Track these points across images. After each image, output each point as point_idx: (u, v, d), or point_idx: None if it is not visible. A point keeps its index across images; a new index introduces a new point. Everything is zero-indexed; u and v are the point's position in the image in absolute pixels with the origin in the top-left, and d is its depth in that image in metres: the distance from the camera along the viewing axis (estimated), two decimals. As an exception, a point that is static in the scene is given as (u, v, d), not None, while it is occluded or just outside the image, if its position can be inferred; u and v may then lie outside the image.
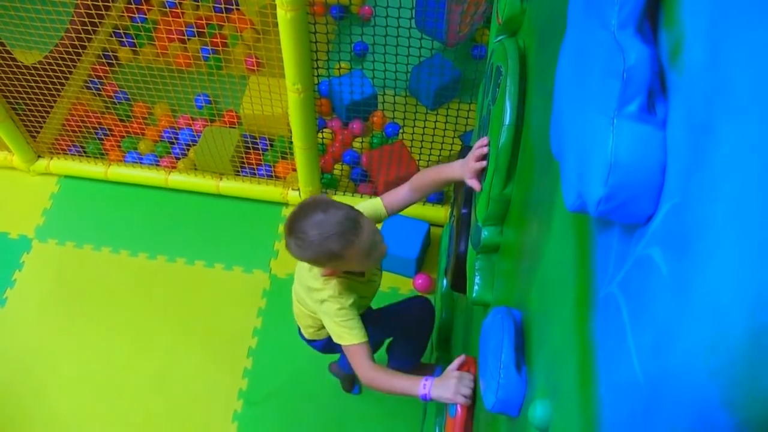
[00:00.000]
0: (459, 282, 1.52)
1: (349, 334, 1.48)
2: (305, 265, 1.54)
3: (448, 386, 1.31)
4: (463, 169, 1.33)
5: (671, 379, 0.36)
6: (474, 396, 1.28)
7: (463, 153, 1.82)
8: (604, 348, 0.49)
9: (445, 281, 1.94)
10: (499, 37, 1.18)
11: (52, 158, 2.73)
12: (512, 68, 1.05)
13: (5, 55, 2.26)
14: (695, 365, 0.34)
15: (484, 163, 1.24)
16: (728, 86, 0.34)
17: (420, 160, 2.56)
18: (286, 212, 2.68)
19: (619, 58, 0.43)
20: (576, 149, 0.48)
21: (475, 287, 1.19)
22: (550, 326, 0.71)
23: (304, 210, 1.38)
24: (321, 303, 1.52)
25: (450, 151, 2.50)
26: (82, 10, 2.54)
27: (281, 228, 2.63)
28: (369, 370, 1.46)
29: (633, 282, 0.44)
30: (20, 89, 2.38)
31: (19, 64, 2.34)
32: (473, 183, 1.28)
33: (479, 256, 1.22)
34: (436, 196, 2.59)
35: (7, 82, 2.32)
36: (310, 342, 1.84)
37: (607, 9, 0.45)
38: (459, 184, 1.81)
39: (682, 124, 0.40)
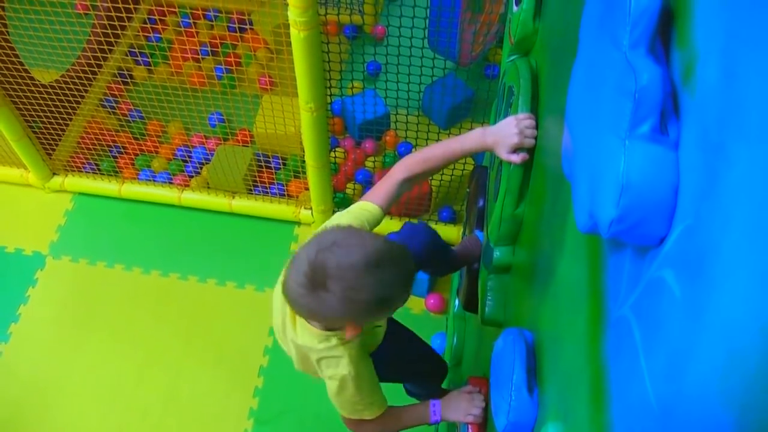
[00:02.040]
0: (471, 302, 1.51)
1: (369, 410, 1.27)
2: (290, 340, 1.27)
3: (458, 407, 1.27)
4: (496, 140, 1.08)
5: (684, 402, 0.35)
6: (485, 415, 1.26)
7: (475, 172, 1.82)
8: (617, 371, 0.48)
9: (457, 301, 1.93)
10: (512, 57, 1.18)
11: (66, 175, 2.75)
12: (524, 88, 1.05)
13: (24, 74, 2.29)
14: (709, 389, 0.33)
15: (532, 141, 1.04)
16: (742, 107, 0.34)
17: (432, 179, 2.56)
18: (299, 231, 2.68)
19: (631, 78, 0.43)
20: (588, 170, 0.48)
21: (487, 307, 1.19)
22: (562, 348, 0.70)
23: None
24: (330, 379, 1.22)
25: (462, 170, 2.50)
26: (99, 30, 2.57)
27: (294, 246, 2.64)
28: (378, 427, 1.30)
29: (646, 304, 0.43)
30: (37, 107, 2.41)
31: (37, 82, 2.37)
32: (512, 157, 1.05)
33: (491, 276, 1.22)
34: (448, 215, 2.58)
35: (24, 100, 2.35)
36: None
37: (619, 29, 0.45)
38: (471, 204, 1.80)
39: (694, 145, 0.39)
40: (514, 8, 1.13)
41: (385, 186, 1.21)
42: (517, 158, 1.06)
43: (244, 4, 2.83)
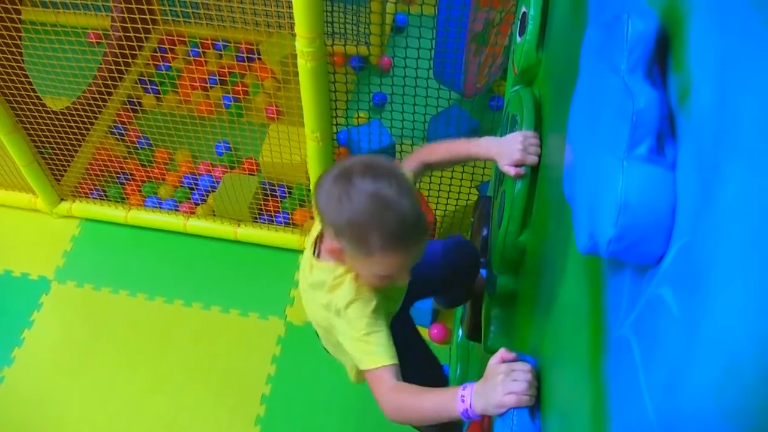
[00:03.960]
0: (475, 331, 1.51)
1: (371, 357, 1.11)
2: (309, 255, 1.24)
3: (492, 388, 0.90)
4: (500, 152, 1.10)
5: (683, 418, 0.36)
6: (535, 393, 0.89)
7: (479, 203, 1.83)
8: (617, 389, 0.49)
9: (461, 331, 1.93)
10: (515, 87, 1.20)
11: (74, 201, 2.77)
12: (527, 117, 1.07)
13: (36, 101, 2.33)
14: (706, 403, 0.34)
15: (533, 160, 1.06)
16: (734, 128, 0.35)
17: (437, 209, 2.57)
18: (303, 259, 2.69)
19: (629, 101, 0.44)
20: (587, 191, 0.49)
21: (491, 335, 1.19)
22: (564, 372, 0.70)
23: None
24: (336, 313, 1.16)
25: (467, 201, 2.51)
26: (110, 58, 2.62)
27: (297, 275, 2.64)
28: (393, 394, 1.08)
29: (645, 323, 0.44)
30: (48, 133, 2.44)
31: (48, 109, 2.40)
32: (510, 170, 1.08)
33: (495, 304, 1.22)
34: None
35: (36, 126, 2.38)
36: None
37: (617, 54, 0.46)
38: (476, 234, 1.81)
39: (690, 165, 0.41)
40: (518, 39, 1.15)
41: (409, 163, 1.30)
42: (513, 171, 1.08)
43: (252, 35, 2.88)
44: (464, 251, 1.63)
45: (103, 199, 2.76)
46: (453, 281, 1.68)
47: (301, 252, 2.68)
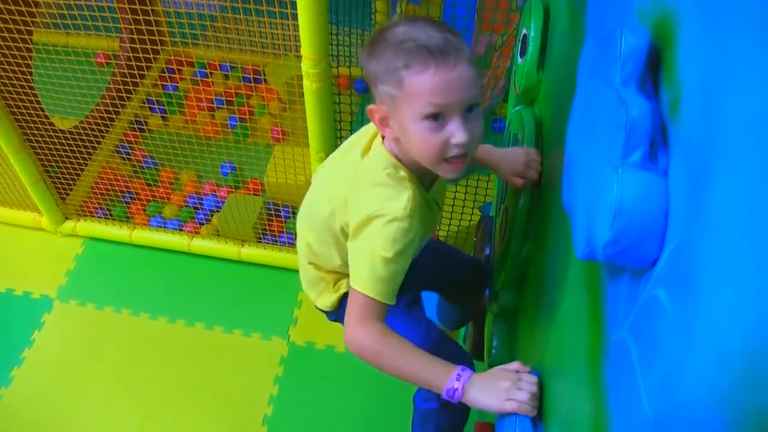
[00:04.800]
0: (479, 349, 1.52)
1: (375, 282, 1.01)
2: (353, 156, 1.11)
3: (493, 387, 0.90)
4: (503, 160, 1.13)
5: (679, 411, 0.37)
6: (537, 405, 0.88)
7: (482, 222, 1.85)
8: (616, 392, 0.50)
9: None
10: (517, 107, 1.22)
11: (79, 220, 2.79)
12: (528, 135, 1.09)
13: (44, 120, 2.36)
14: (701, 395, 0.35)
15: (534, 175, 1.09)
16: (721, 134, 0.37)
17: (440, 230, 2.59)
18: (305, 279, 2.70)
19: (623, 111, 0.46)
20: (585, 198, 0.51)
21: (493, 350, 1.20)
22: (566, 381, 0.72)
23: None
24: (371, 219, 1.01)
25: (470, 221, 2.53)
26: (119, 78, 2.65)
27: (301, 295, 2.65)
28: (376, 335, 1.01)
29: (641, 324, 0.45)
30: (54, 152, 2.47)
31: (56, 128, 2.43)
32: (516, 180, 1.10)
33: (497, 320, 1.23)
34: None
35: (43, 145, 2.41)
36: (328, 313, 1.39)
37: (612, 68, 0.49)
38: (478, 253, 1.83)
39: (682, 171, 0.43)
40: (519, 60, 1.18)
41: None
42: (520, 181, 1.11)
43: (258, 58, 2.92)
44: (479, 276, 1.60)
45: (108, 219, 2.78)
46: (459, 296, 1.69)
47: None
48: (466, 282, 1.66)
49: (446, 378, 0.93)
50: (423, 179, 1.07)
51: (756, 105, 0.34)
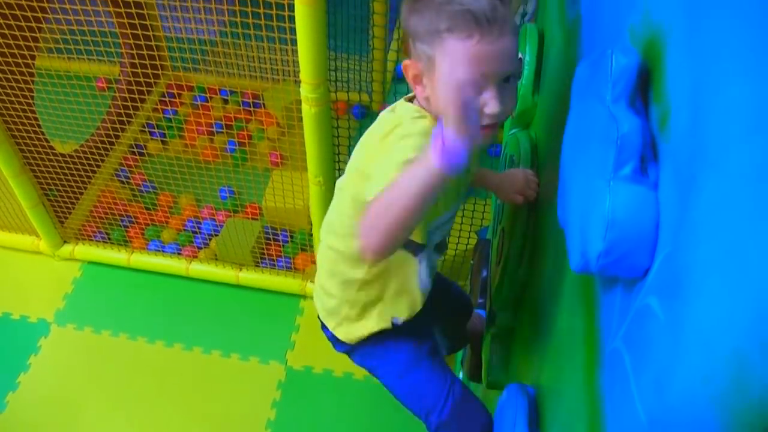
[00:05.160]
0: (477, 371, 1.52)
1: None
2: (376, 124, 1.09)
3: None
4: (502, 183, 1.16)
5: (671, 412, 0.38)
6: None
7: (478, 246, 1.86)
8: (611, 402, 0.51)
9: (461, 373, 1.94)
10: (513, 130, 1.25)
11: (77, 244, 2.80)
12: (524, 157, 1.11)
13: (45, 143, 2.38)
14: (693, 396, 0.36)
15: (532, 195, 1.12)
16: (706, 144, 0.39)
17: (437, 253, 2.60)
18: (304, 304, 2.70)
19: (614, 127, 0.48)
20: (578, 211, 0.53)
21: (492, 369, 1.20)
22: (562, 397, 0.72)
23: None
24: (404, 136, 0.98)
25: (467, 245, 2.54)
26: (120, 102, 2.68)
27: (299, 320, 2.65)
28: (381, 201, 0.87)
29: (634, 332, 0.47)
30: (54, 176, 2.49)
31: (56, 152, 2.45)
32: (517, 197, 1.13)
33: (495, 340, 1.24)
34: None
35: (43, 168, 2.43)
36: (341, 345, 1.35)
37: (603, 86, 0.51)
38: (475, 276, 1.84)
39: (671, 183, 0.44)
40: (515, 84, 1.20)
41: None
42: (520, 198, 1.12)
43: (257, 83, 2.95)
44: (465, 302, 1.65)
45: (106, 242, 2.78)
46: (451, 324, 1.69)
47: (302, 297, 2.69)
48: (457, 310, 1.68)
49: (426, 157, 0.79)
50: None
51: (738, 117, 0.36)
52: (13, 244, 2.85)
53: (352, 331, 1.28)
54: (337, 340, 1.34)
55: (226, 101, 3.18)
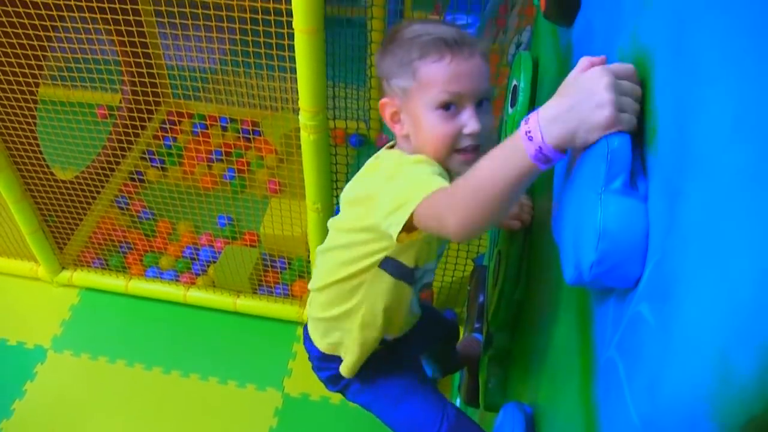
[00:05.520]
0: (474, 396, 1.52)
1: (427, 182, 0.91)
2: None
3: (580, 88, 0.60)
4: None
5: (662, 414, 0.40)
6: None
7: (475, 271, 1.88)
8: (606, 410, 0.52)
9: (458, 399, 1.93)
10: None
11: (75, 270, 2.80)
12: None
13: (46, 170, 2.40)
14: (681, 397, 0.38)
15: (528, 219, 1.12)
16: (691, 158, 0.41)
17: (434, 280, 2.60)
18: (301, 331, 2.70)
19: (604, 144, 0.50)
20: (571, 225, 0.55)
21: (489, 391, 1.21)
22: (558, 411, 0.73)
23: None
24: (402, 165, 0.99)
25: (463, 272, 2.56)
26: (121, 129, 2.71)
27: (296, 347, 2.65)
28: (452, 197, 0.81)
29: (627, 340, 0.48)
30: (54, 202, 2.50)
31: (57, 179, 2.47)
32: (513, 223, 1.12)
33: (492, 363, 1.25)
34: (450, 317, 2.61)
35: (43, 194, 2.45)
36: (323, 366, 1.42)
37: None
38: (472, 301, 1.85)
39: (660, 193, 0.46)
40: (509, 110, 1.23)
41: None
42: (517, 224, 1.14)
43: (256, 112, 2.99)
44: (451, 328, 1.73)
45: (105, 269, 2.79)
46: (438, 349, 1.75)
47: (299, 324, 2.70)
48: (444, 336, 1.71)
49: (521, 148, 0.66)
50: None
51: (719, 130, 0.38)
52: (11, 269, 2.86)
53: (348, 356, 1.35)
54: (330, 379, 1.42)
55: (225, 129, 3.21)
